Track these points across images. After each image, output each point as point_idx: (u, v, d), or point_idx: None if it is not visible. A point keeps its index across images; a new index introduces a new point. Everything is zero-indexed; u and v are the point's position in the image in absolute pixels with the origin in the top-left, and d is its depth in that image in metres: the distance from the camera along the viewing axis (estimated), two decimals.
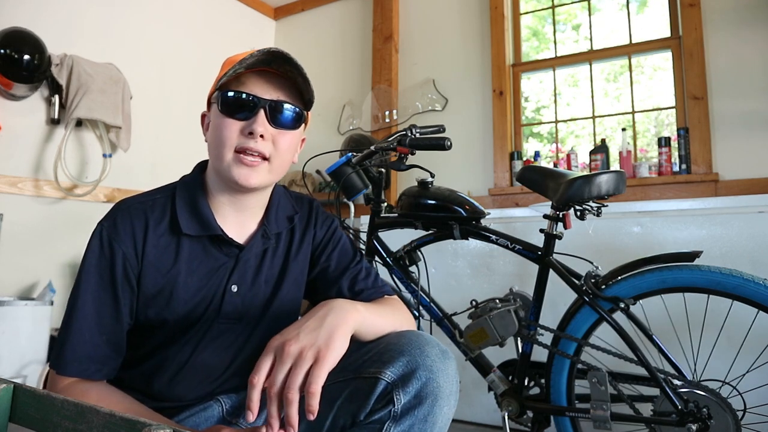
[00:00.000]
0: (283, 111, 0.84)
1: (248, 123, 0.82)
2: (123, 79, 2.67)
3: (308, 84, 0.85)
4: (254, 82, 0.83)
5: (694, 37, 2.40)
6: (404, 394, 0.73)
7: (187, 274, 0.86)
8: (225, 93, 0.83)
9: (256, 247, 0.91)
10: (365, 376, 0.76)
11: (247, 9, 3.71)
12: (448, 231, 1.54)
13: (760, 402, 1.39)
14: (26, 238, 2.43)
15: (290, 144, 0.87)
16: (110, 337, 0.81)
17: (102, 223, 0.85)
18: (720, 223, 1.80)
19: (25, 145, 2.46)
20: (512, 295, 1.51)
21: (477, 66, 3.01)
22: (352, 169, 1.55)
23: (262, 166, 0.84)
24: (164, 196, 0.89)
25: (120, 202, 0.87)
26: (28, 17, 2.44)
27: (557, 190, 1.39)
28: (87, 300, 0.80)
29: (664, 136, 2.45)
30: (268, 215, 0.93)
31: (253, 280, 0.90)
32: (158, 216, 0.86)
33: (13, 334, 2.09)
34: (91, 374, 0.79)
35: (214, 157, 0.86)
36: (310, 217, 1.01)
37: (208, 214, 0.87)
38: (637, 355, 1.29)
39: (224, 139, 0.82)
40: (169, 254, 0.85)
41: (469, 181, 2.92)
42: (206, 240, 0.87)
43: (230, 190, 0.88)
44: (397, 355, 0.75)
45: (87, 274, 0.82)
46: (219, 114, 0.83)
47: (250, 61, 0.81)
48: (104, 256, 0.82)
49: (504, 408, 1.46)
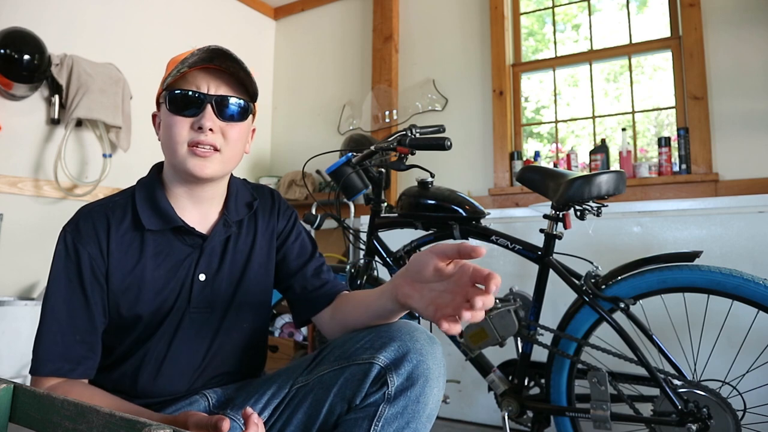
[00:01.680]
0: (228, 104, 0.87)
1: (197, 119, 0.85)
2: (123, 79, 2.67)
3: (251, 78, 0.89)
4: (199, 79, 0.86)
5: (694, 37, 2.40)
6: (397, 377, 0.76)
7: (154, 267, 0.88)
8: (172, 92, 0.86)
9: (218, 236, 0.93)
10: (359, 362, 0.79)
11: (247, 9, 3.71)
12: (448, 231, 1.54)
13: (760, 402, 1.39)
14: (26, 238, 2.43)
15: (239, 135, 0.90)
16: (84, 336, 0.84)
17: (65, 228, 0.87)
18: (720, 223, 1.80)
19: (25, 145, 2.46)
20: (512, 295, 1.51)
21: (477, 66, 3.00)
22: (352, 169, 1.55)
23: (215, 156, 0.87)
24: (124, 197, 0.92)
25: (81, 208, 0.90)
26: (28, 17, 2.44)
27: (557, 190, 1.39)
28: (57, 302, 0.83)
29: (664, 136, 2.45)
30: (227, 204, 0.96)
31: (218, 267, 0.93)
32: (120, 215, 0.89)
33: (13, 334, 2.09)
34: (65, 373, 0.81)
35: (168, 154, 0.89)
36: (273, 207, 1.03)
37: (167, 207, 0.90)
38: (637, 355, 1.29)
39: (176, 135, 0.85)
40: (134, 250, 0.88)
41: (469, 181, 2.92)
42: (169, 233, 0.90)
43: (187, 183, 0.90)
44: (389, 341, 0.79)
45: (56, 278, 0.84)
46: (168, 113, 0.86)
47: (192, 60, 0.84)
48: (70, 259, 0.84)
49: (504, 408, 1.46)
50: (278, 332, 3.07)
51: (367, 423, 0.76)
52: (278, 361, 2.71)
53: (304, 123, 3.64)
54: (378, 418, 0.76)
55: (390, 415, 0.75)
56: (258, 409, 0.85)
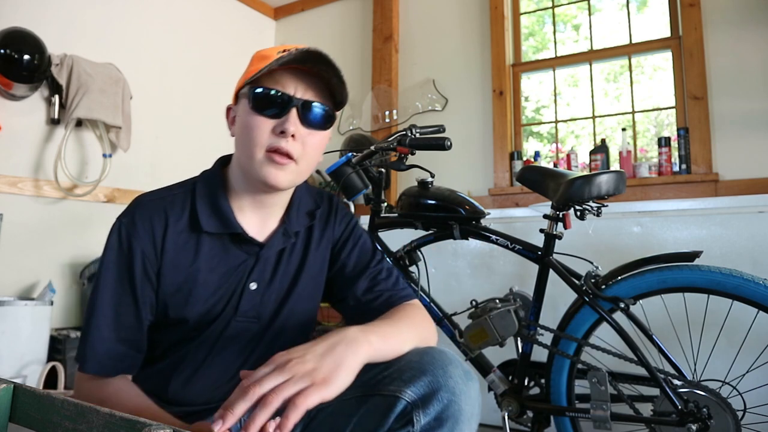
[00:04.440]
0: (314, 111, 0.82)
1: (280, 122, 0.80)
2: (123, 79, 2.67)
3: (343, 85, 0.83)
4: (287, 80, 0.81)
5: (694, 37, 2.40)
6: (424, 416, 0.69)
7: (207, 271, 0.84)
8: (257, 89, 0.81)
9: (276, 245, 0.89)
10: (384, 393, 0.72)
11: (247, 9, 3.71)
12: (448, 231, 1.53)
13: (760, 402, 1.39)
14: (26, 238, 2.43)
15: (319, 144, 0.85)
16: (129, 334, 0.81)
17: (121, 219, 0.83)
18: (720, 223, 1.80)
19: (25, 145, 2.46)
20: (512, 295, 1.50)
21: (477, 66, 3.00)
22: (352, 169, 1.55)
23: (291, 166, 0.82)
24: (184, 192, 0.87)
25: (139, 198, 0.86)
26: (28, 17, 2.44)
27: (557, 190, 1.39)
28: (106, 298, 0.80)
29: (664, 136, 2.45)
30: (289, 213, 0.92)
31: (271, 277, 0.89)
32: (178, 212, 0.85)
33: (13, 334, 2.09)
34: (108, 371, 0.79)
35: (243, 155, 0.84)
36: (330, 214, 0.98)
37: (228, 211, 0.86)
38: (637, 355, 1.29)
39: (255, 137, 0.80)
40: (189, 251, 0.84)
41: (469, 181, 2.92)
42: (226, 237, 0.86)
43: (254, 189, 0.86)
44: (419, 374, 0.71)
45: (107, 271, 0.81)
46: (249, 110, 0.81)
47: (285, 59, 0.79)
48: (123, 253, 0.81)
49: (504, 408, 1.46)
50: None
51: None
52: None
53: None
54: None
55: None
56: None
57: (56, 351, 2.27)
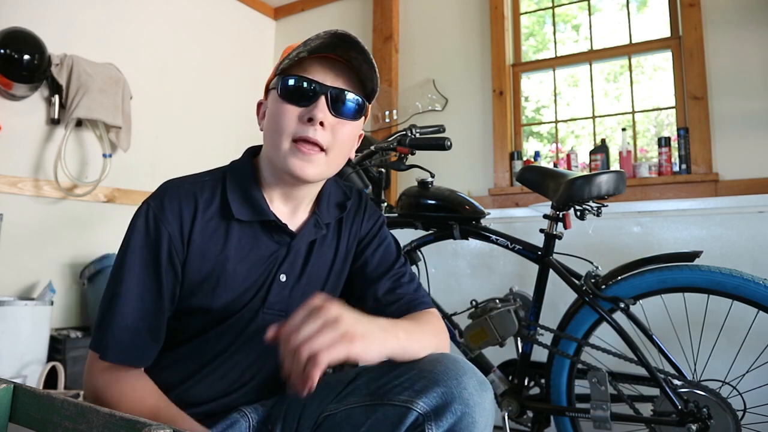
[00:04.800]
0: (345, 100, 0.80)
1: (308, 109, 0.78)
2: (123, 79, 2.67)
3: (374, 71, 0.81)
4: (316, 68, 0.80)
5: (694, 37, 2.40)
6: (437, 428, 0.67)
7: (237, 260, 0.82)
8: (285, 78, 0.79)
9: (307, 236, 0.87)
10: (395, 403, 0.70)
11: (247, 9, 3.71)
12: (448, 231, 1.53)
13: (760, 402, 1.39)
14: (26, 238, 2.43)
15: (350, 135, 0.83)
16: (151, 323, 0.78)
17: (148, 202, 0.80)
18: (720, 223, 1.80)
19: (25, 145, 2.46)
20: (512, 295, 1.51)
21: (477, 66, 3.00)
22: (352, 169, 1.55)
23: (319, 157, 0.80)
24: (214, 179, 0.85)
25: (168, 182, 0.83)
26: (28, 17, 2.44)
27: (557, 190, 1.39)
28: (131, 283, 0.77)
29: (664, 136, 2.45)
30: (319, 204, 0.90)
31: (301, 270, 0.87)
32: (208, 198, 0.83)
33: (13, 334, 2.09)
34: (131, 360, 0.77)
35: (269, 145, 0.82)
36: (359, 208, 0.97)
37: (260, 199, 0.83)
38: (637, 355, 1.29)
39: (282, 125, 0.79)
40: (217, 239, 0.81)
41: (469, 181, 2.92)
42: (257, 226, 0.84)
43: (282, 182, 0.84)
44: (432, 385, 0.69)
45: (132, 255, 0.78)
46: (278, 99, 0.80)
47: (314, 44, 0.77)
48: (149, 237, 0.78)
49: (504, 408, 1.46)
50: None
51: None
52: None
53: None
54: None
55: None
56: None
57: (56, 351, 2.27)
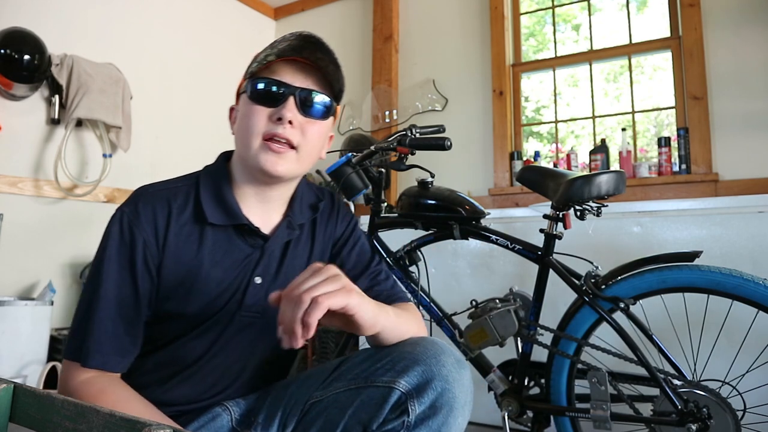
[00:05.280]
0: (312, 100, 0.83)
1: (277, 109, 0.80)
2: (123, 79, 2.67)
3: (339, 72, 0.85)
4: (285, 71, 0.82)
5: (694, 37, 2.40)
6: (419, 405, 0.71)
7: (211, 264, 0.83)
8: (255, 81, 0.82)
9: (281, 238, 0.89)
10: (378, 384, 0.74)
11: (247, 9, 3.71)
12: (448, 231, 1.53)
13: (760, 402, 1.39)
14: (26, 238, 2.43)
15: (319, 135, 0.86)
16: (129, 328, 0.79)
17: (122, 209, 0.81)
18: (720, 223, 1.80)
19: (25, 145, 2.46)
20: (512, 295, 1.50)
21: (477, 66, 3.00)
22: (352, 169, 1.55)
23: (290, 154, 0.82)
24: (187, 184, 0.87)
25: (141, 188, 0.84)
26: (28, 17, 2.44)
27: (557, 190, 1.39)
28: (109, 288, 0.77)
29: (664, 136, 2.45)
30: (292, 206, 0.92)
31: (276, 271, 0.88)
32: (181, 203, 0.84)
33: (13, 334, 2.09)
34: (112, 367, 0.77)
35: (241, 145, 0.84)
36: (333, 210, 0.99)
37: (233, 203, 0.85)
38: (637, 355, 1.29)
39: (252, 125, 0.81)
40: (192, 244, 0.83)
41: (469, 181, 2.92)
42: (231, 230, 0.85)
43: (256, 181, 0.86)
44: (412, 364, 0.73)
45: (108, 260, 0.78)
46: (248, 102, 0.82)
47: (281, 47, 0.80)
48: (124, 243, 0.79)
49: (504, 408, 1.46)
50: None
51: None
52: None
53: None
54: None
55: None
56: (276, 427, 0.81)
57: (56, 351, 2.27)
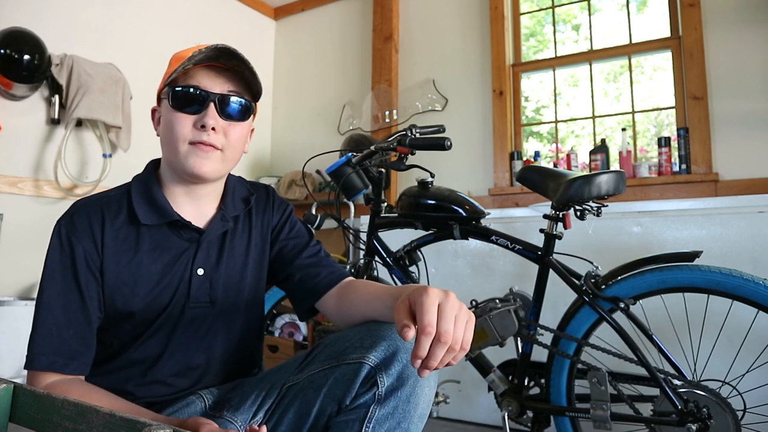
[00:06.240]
0: (231, 103, 0.87)
1: (200, 117, 0.84)
2: (123, 79, 2.67)
3: (255, 77, 0.88)
4: (203, 76, 0.86)
5: (694, 37, 2.40)
6: (387, 377, 0.75)
7: (150, 262, 0.87)
8: (175, 88, 0.85)
9: (216, 230, 0.93)
10: (349, 362, 0.78)
11: (247, 9, 3.71)
12: (448, 231, 1.53)
13: (760, 402, 1.39)
14: (26, 238, 2.43)
15: (240, 135, 0.90)
16: (78, 331, 0.82)
17: (60, 222, 0.87)
18: (720, 223, 1.80)
19: (25, 145, 2.46)
20: (512, 295, 1.51)
21: (477, 66, 3.00)
22: (352, 169, 1.55)
23: (216, 155, 0.86)
24: (119, 193, 0.92)
25: (76, 202, 0.90)
26: (28, 17, 2.44)
27: (557, 190, 1.39)
28: (52, 296, 0.82)
29: (664, 136, 2.45)
30: (224, 200, 0.96)
31: (217, 261, 0.93)
32: (115, 210, 0.88)
33: (13, 334, 2.09)
34: (59, 368, 0.80)
35: (168, 151, 0.88)
36: (268, 201, 1.03)
37: (163, 202, 0.89)
38: (637, 355, 1.29)
39: (177, 133, 0.85)
40: (129, 245, 0.87)
41: (469, 181, 2.92)
42: (165, 228, 0.89)
43: (184, 181, 0.90)
44: (379, 340, 0.78)
45: (50, 271, 0.83)
46: (170, 109, 0.86)
47: (198, 58, 0.84)
48: (65, 253, 0.84)
49: (504, 408, 1.46)
50: (278, 332, 3.07)
51: (358, 425, 0.75)
52: (278, 361, 2.71)
53: (304, 123, 3.64)
54: (369, 420, 0.75)
55: (381, 416, 0.75)
56: (252, 410, 0.84)
57: None
